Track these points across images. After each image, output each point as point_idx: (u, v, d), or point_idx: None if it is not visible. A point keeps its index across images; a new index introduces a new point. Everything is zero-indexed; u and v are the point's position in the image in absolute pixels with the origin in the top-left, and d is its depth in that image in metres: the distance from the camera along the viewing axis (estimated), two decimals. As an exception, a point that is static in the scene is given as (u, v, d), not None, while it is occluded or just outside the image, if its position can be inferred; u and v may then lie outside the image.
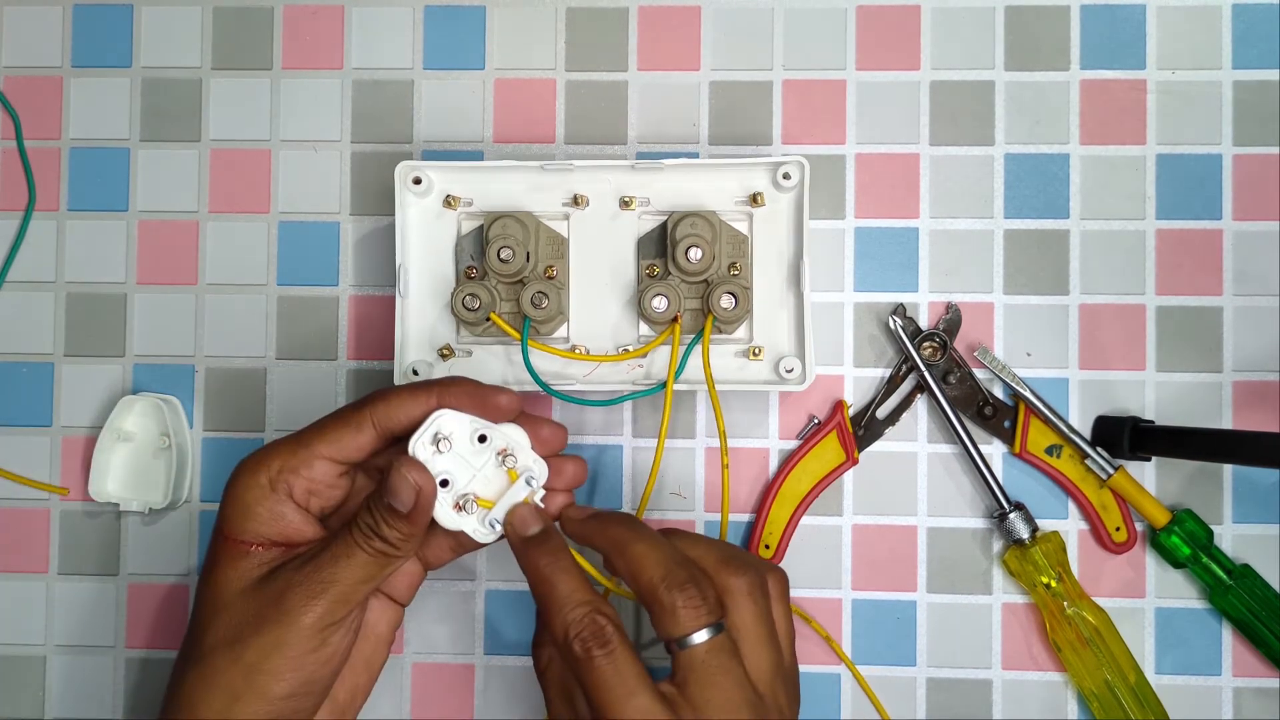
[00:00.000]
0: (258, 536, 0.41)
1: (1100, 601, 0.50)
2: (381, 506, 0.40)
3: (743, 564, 0.41)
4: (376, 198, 0.53)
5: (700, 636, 0.38)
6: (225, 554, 0.41)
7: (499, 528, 0.41)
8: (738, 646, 0.39)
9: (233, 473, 0.42)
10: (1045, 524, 0.51)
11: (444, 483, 0.41)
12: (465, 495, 0.41)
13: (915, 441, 0.52)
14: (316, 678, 0.40)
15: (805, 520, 0.52)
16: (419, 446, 0.41)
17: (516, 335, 0.48)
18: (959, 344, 0.52)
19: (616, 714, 0.37)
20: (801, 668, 0.51)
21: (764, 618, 0.40)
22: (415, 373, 0.49)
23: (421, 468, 0.40)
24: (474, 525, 0.41)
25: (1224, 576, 0.49)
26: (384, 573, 0.40)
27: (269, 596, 0.40)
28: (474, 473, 0.41)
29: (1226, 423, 0.52)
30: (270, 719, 0.39)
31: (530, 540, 0.41)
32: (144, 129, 0.54)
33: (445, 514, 0.41)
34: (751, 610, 0.40)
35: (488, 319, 0.48)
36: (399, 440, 0.42)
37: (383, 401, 0.41)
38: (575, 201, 0.50)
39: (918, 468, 0.52)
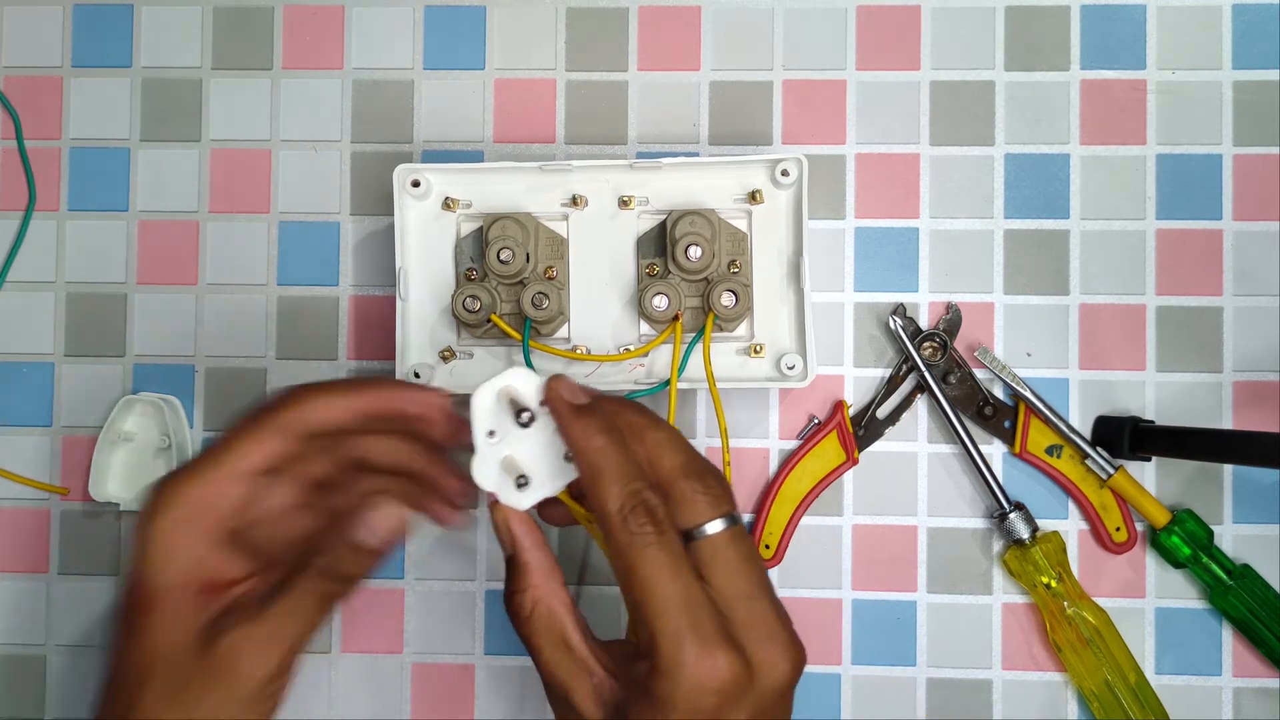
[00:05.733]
0: (180, 584, 0.37)
1: (1100, 601, 0.50)
2: (346, 547, 0.38)
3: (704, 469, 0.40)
4: (376, 198, 0.53)
5: (716, 526, 0.37)
6: (146, 606, 0.37)
7: (528, 491, 0.40)
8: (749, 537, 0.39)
9: (145, 510, 0.38)
10: (1045, 524, 0.51)
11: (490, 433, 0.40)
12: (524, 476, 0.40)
13: (915, 441, 0.52)
14: None
15: (805, 520, 0.52)
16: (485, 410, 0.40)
17: (518, 336, 0.48)
18: (959, 344, 0.52)
19: (663, 594, 0.36)
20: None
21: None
22: (417, 375, 0.49)
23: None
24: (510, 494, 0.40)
25: (1224, 576, 0.49)
26: (334, 611, 0.39)
27: (217, 656, 0.36)
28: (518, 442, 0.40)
29: (1226, 423, 0.52)
30: None
31: (581, 410, 0.39)
32: (144, 129, 0.54)
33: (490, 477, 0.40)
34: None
35: (489, 320, 0.48)
36: (316, 438, 0.40)
37: (296, 406, 0.39)
38: (574, 202, 0.50)
39: (918, 468, 0.52)
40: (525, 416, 0.39)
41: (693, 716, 0.35)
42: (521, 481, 0.40)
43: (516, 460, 0.40)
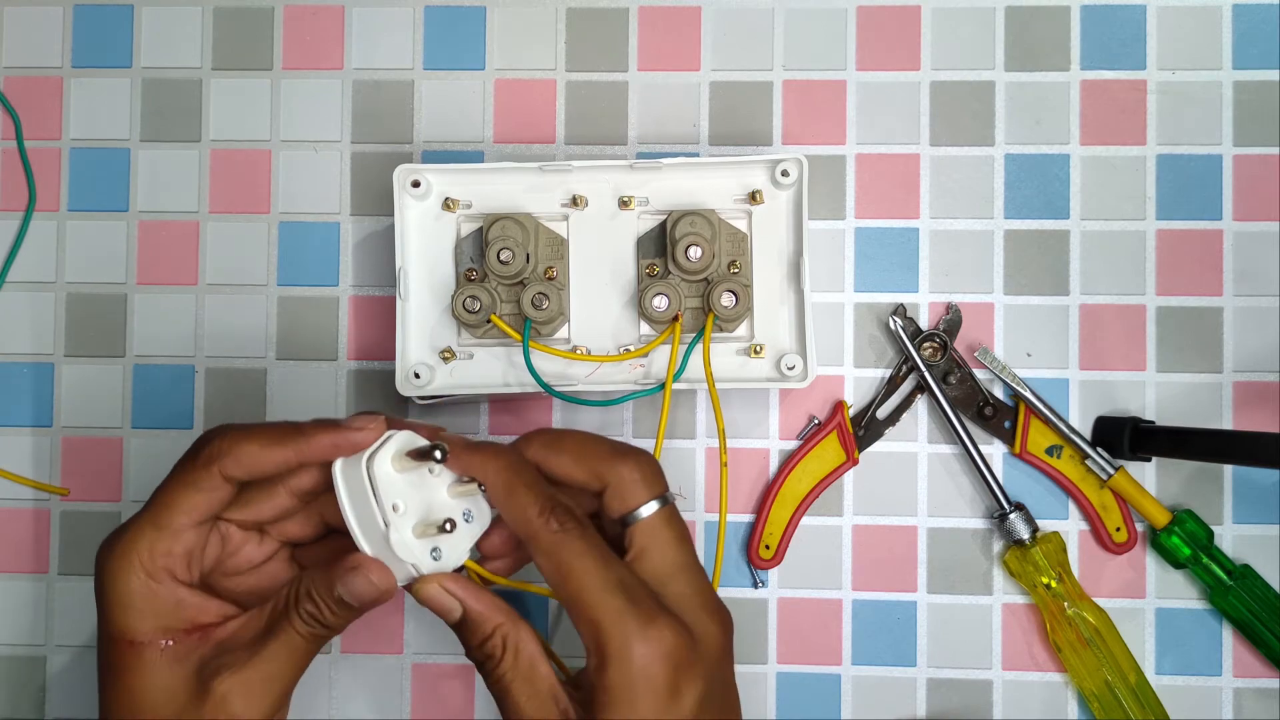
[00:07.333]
0: (160, 633, 0.39)
1: (1100, 602, 0.50)
2: (329, 599, 0.39)
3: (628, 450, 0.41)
4: (376, 198, 0.53)
5: (652, 507, 0.40)
6: (131, 659, 0.38)
7: (440, 558, 0.40)
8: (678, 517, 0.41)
9: (100, 566, 0.39)
10: (1045, 524, 0.51)
11: (393, 507, 0.40)
12: (434, 523, 0.40)
13: (915, 442, 0.52)
14: None
15: (805, 520, 0.52)
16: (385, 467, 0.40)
17: (518, 337, 0.48)
18: (959, 344, 0.52)
19: (598, 580, 0.37)
20: (803, 668, 0.52)
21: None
22: (417, 376, 0.49)
23: (383, 569, 0.39)
24: (427, 561, 0.40)
25: (1224, 577, 0.49)
26: (317, 652, 0.40)
27: (213, 700, 0.37)
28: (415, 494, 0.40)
29: (1226, 423, 0.52)
30: None
31: (475, 445, 0.41)
32: (144, 129, 0.54)
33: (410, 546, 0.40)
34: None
35: (489, 321, 0.48)
36: (253, 483, 0.41)
37: (230, 456, 0.39)
38: (574, 202, 0.50)
39: (918, 468, 0.52)
40: (439, 454, 0.40)
41: (650, 694, 0.36)
42: (435, 555, 0.40)
43: (429, 523, 0.40)
